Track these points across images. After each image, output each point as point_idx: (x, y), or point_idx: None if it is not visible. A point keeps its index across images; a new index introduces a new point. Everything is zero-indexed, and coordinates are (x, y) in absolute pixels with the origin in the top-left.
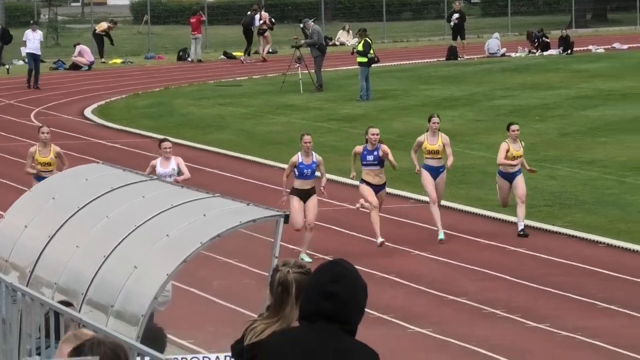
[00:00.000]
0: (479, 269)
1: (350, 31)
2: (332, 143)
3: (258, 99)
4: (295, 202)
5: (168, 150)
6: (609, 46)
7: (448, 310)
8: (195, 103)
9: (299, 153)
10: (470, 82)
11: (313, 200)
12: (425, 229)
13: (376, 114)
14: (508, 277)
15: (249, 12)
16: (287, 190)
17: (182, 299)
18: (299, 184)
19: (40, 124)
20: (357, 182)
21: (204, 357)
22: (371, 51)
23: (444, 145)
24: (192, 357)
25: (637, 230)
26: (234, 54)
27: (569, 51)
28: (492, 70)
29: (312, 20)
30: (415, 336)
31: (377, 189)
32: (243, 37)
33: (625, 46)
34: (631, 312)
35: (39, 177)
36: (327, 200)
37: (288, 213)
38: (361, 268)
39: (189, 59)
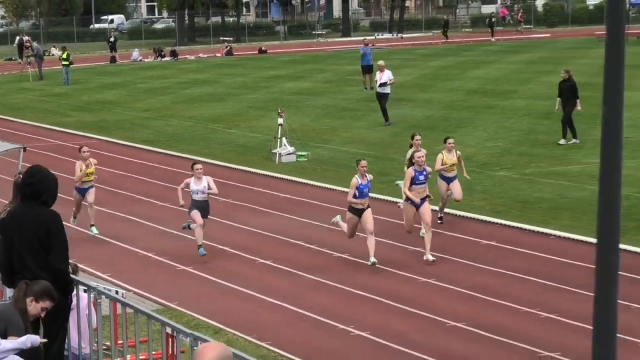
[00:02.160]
0: (137, 176)
1: (57, 48)
2: (49, 108)
3: (6, 85)
4: (351, 216)
5: (199, 171)
6: (197, 55)
7: (119, 199)
8: None
9: (356, 175)
10: (125, 75)
11: (368, 212)
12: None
13: (72, 92)
14: (141, 177)
15: (18, 37)
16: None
17: None
18: (355, 202)
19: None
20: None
21: None
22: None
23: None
24: None
25: (221, 154)
26: None
27: (176, 58)
28: (135, 69)
29: (35, 42)
30: (99, 213)
31: (421, 202)
32: None
33: (206, 55)
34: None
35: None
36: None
37: (26, 146)
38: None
39: None
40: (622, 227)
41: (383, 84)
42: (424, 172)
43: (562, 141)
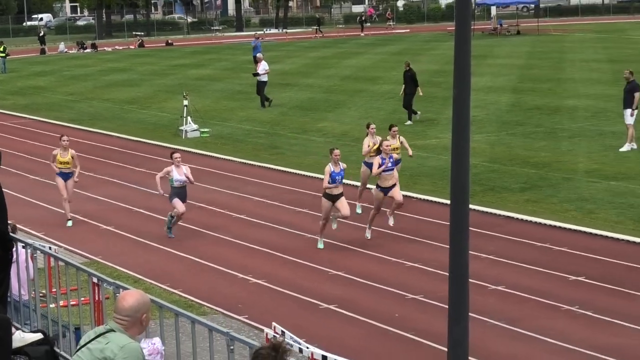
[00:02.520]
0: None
1: None
2: None
3: None
4: (325, 202)
5: (179, 159)
6: (114, 48)
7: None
8: None
9: (330, 163)
10: (53, 65)
11: (342, 199)
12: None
13: (9, 79)
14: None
15: None
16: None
17: None
18: (330, 189)
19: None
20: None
21: None
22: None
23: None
24: None
25: (135, 131)
26: None
27: (96, 50)
28: (61, 59)
29: None
30: (35, 182)
31: (389, 190)
32: None
33: (121, 47)
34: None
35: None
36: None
37: None
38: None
39: None
40: (471, 190)
41: (256, 74)
42: (391, 159)
43: (408, 123)
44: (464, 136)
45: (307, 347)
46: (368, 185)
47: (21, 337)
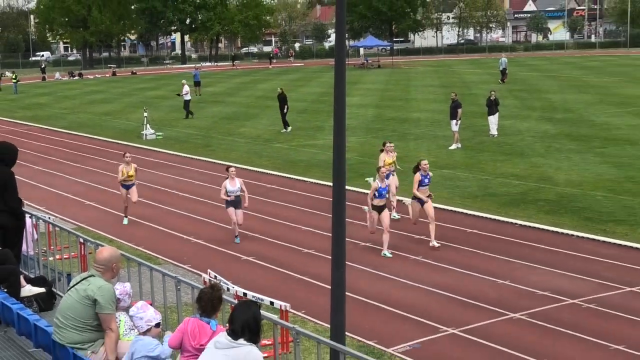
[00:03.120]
0: (59, 148)
1: (9, 71)
2: (5, 108)
3: None
4: (374, 214)
5: (234, 172)
6: (95, 76)
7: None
8: None
9: (377, 180)
10: (51, 88)
11: (386, 211)
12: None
13: (19, 98)
14: (61, 149)
15: None
16: (371, 209)
17: None
18: (377, 202)
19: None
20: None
21: None
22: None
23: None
24: None
25: (110, 134)
26: None
27: (82, 77)
28: (57, 84)
29: None
30: (37, 172)
31: (425, 200)
32: None
33: (100, 76)
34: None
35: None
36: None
37: None
38: None
39: None
40: (347, 176)
41: (179, 94)
42: (428, 176)
43: (283, 130)
44: (341, 138)
45: (233, 287)
46: (399, 197)
47: (29, 289)
